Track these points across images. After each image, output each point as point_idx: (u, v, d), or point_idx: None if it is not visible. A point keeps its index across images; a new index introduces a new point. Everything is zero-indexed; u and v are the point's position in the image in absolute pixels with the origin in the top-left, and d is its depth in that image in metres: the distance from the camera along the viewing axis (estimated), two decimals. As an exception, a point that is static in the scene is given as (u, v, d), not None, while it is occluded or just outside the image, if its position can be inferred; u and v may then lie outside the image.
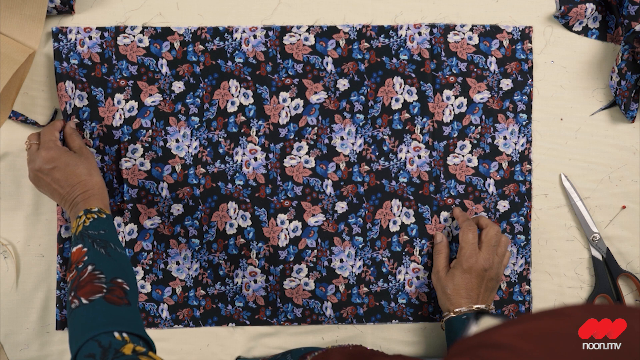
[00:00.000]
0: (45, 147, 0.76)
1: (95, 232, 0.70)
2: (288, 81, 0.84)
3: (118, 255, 0.70)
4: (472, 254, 0.78)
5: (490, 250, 0.79)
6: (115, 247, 0.70)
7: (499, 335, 0.45)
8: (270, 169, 0.84)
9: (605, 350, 0.42)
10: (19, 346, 0.83)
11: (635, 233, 0.85)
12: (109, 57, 0.83)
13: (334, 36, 0.84)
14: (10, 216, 0.83)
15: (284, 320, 0.84)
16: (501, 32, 0.84)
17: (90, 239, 0.69)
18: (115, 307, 0.64)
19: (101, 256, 0.68)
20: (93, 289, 0.65)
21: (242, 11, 0.84)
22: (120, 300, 0.65)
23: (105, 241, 0.70)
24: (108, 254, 0.69)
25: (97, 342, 0.60)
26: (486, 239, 0.79)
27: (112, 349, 0.59)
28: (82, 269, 0.67)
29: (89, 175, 0.76)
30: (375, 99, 0.84)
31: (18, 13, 0.78)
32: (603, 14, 0.85)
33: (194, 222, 0.84)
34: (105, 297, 0.64)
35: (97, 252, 0.68)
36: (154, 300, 0.84)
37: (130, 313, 0.65)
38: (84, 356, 0.60)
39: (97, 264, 0.67)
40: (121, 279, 0.67)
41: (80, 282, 0.66)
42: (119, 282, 0.66)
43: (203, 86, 0.83)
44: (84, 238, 0.70)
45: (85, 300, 0.64)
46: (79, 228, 0.71)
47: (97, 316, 0.63)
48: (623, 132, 0.85)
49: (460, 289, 0.78)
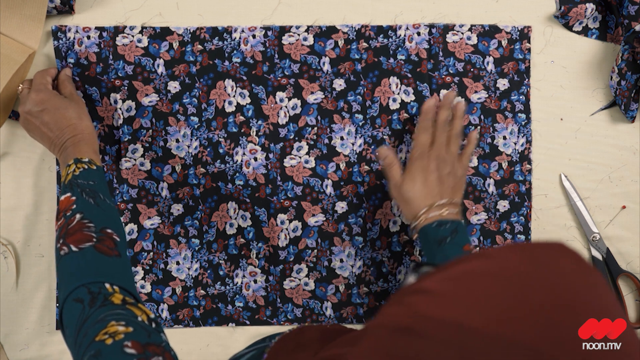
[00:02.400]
0: (36, 90, 0.76)
1: (85, 181, 0.70)
2: (284, 81, 0.84)
3: (107, 206, 0.69)
4: (421, 154, 0.76)
5: (440, 147, 0.77)
6: (104, 198, 0.70)
7: (428, 282, 0.46)
8: (270, 169, 0.84)
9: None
10: (19, 346, 0.84)
11: (635, 233, 0.85)
12: (105, 56, 0.83)
13: (332, 36, 0.84)
14: (10, 216, 0.83)
15: (284, 320, 0.85)
16: (500, 32, 0.84)
17: (79, 188, 0.69)
18: (106, 257, 0.64)
19: (90, 206, 0.68)
20: (82, 237, 0.64)
21: (242, 11, 0.84)
22: (111, 251, 0.65)
23: (94, 191, 0.69)
24: (97, 204, 0.68)
25: (86, 288, 0.60)
26: (436, 135, 0.78)
27: (102, 294, 0.59)
28: (70, 217, 0.66)
29: (79, 119, 0.75)
30: (372, 99, 0.84)
31: (18, 13, 0.78)
32: (603, 14, 0.85)
33: (194, 222, 0.84)
34: (96, 247, 0.64)
35: (86, 202, 0.68)
36: (154, 300, 0.84)
37: (121, 265, 0.65)
38: (72, 300, 0.60)
39: (85, 213, 0.67)
40: (110, 230, 0.67)
41: (69, 229, 0.65)
42: (108, 232, 0.66)
43: (199, 86, 0.83)
44: (72, 187, 0.69)
45: (75, 247, 0.63)
46: (68, 177, 0.70)
47: (87, 265, 0.63)
48: (623, 132, 0.85)
49: (418, 191, 0.75)
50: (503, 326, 0.41)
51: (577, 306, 0.42)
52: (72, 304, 0.59)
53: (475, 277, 0.45)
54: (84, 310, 0.58)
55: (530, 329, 0.41)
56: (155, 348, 0.53)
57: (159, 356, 0.53)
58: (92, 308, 0.58)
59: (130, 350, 0.52)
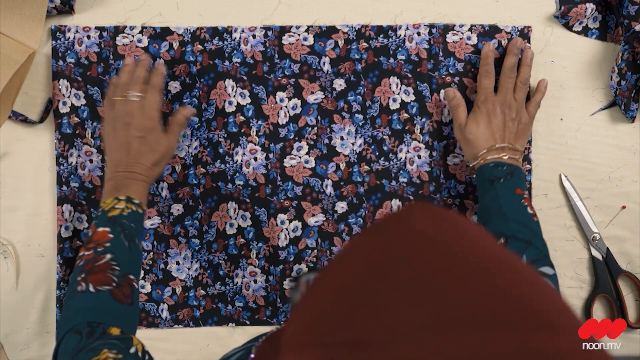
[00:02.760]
0: (149, 117, 0.75)
1: (129, 223, 0.70)
2: (284, 81, 0.84)
3: (137, 252, 0.70)
4: (487, 98, 0.78)
5: (505, 92, 0.78)
6: (138, 243, 0.70)
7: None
8: (270, 169, 0.84)
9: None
10: (19, 346, 0.84)
11: (635, 233, 0.85)
12: (106, 56, 0.83)
13: (332, 36, 0.84)
14: (10, 216, 0.83)
15: (284, 320, 0.84)
16: (500, 32, 0.84)
17: (121, 227, 0.69)
18: (118, 304, 0.65)
19: (123, 248, 0.68)
20: (104, 280, 0.65)
21: (242, 11, 0.84)
22: (125, 298, 0.65)
23: (132, 235, 0.70)
24: (130, 248, 0.69)
25: (88, 323, 0.61)
26: (502, 81, 0.79)
27: (101, 328, 0.60)
28: (100, 253, 0.67)
29: (157, 165, 0.76)
30: (372, 99, 0.84)
31: (18, 13, 0.78)
32: (603, 14, 0.85)
33: (194, 222, 0.84)
34: (112, 292, 0.65)
35: (122, 244, 0.68)
36: (154, 300, 0.84)
37: (130, 313, 0.66)
38: (72, 332, 0.61)
39: (116, 255, 0.67)
40: (133, 276, 0.67)
41: (95, 267, 0.66)
42: (130, 279, 0.67)
43: (199, 86, 0.83)
44: (114, 224, 0.69)
45: (92, 288, 0.64)
46: (113, 211, 0.70)
47: (98, 307, 0.63)
48: (623, 132, 0.85)
49: (480, 133, 0.77)
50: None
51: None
52: (71, 335, 0.60)
53: (339, 274, 0.36)
54: (81, 341, 0.59)
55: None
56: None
57: None
58: (90, 339, 0.59)
59: None
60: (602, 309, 0.85)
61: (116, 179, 0.74)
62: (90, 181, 0.83)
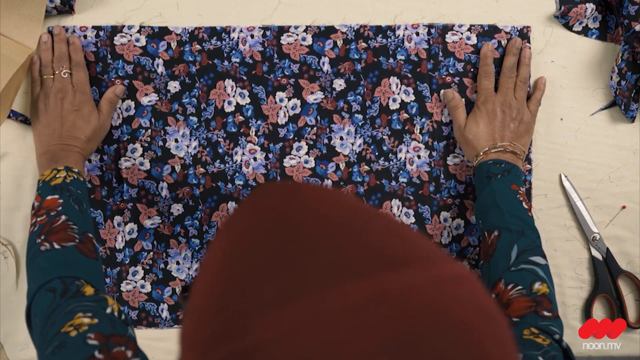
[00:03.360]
0: (81, 91, 0.78)
1: (74, 189, 0.72)
2: (284, 81, 0.84)
3: (88, 215, 0.72)
4: (487, 99, 0.79)
5: (506, 92, 0.79)
6: (87, 208, 0.72)
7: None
8: (270, 169, 0.84)
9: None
10: (19, 346, 0.84)
11: (635, 233, 0.85)
12: (103, 56, 0.83)
13: (331, 36, 0.84)
14: (10, 216, 0.83)
15: None
16: (500, 32, 0.84)
17: (69, 193, 0.71)
18: (85, 258, 0.66)
19: (75, 211, 0.70)
20: (66, 237, 0.67)
21: (242, 11, 0.84)
22: (90, 253, 0.67)
23: (80, 200, 0.72)
24: (81, 211, 0.71)
25: (61, 280, 0.62)
26: (502, 81, 0.80)
27: (75, 286, 0.61)
28: (54, 216, 0.68)
29: (91, 140, 0.78)
30: (372, 99, 0.84)
31: (17, 13, 0.78)
32: (603, 14, 0.85)
33: (194, 222, 0.84)
34: (77, 247, 0.66)
35: (72, 207, 0.70)
36: (154, 300, 0.84)
37: (97, 268, 0.67)
38: (45, 289, 0.61)
39: (70, 216, 0.69)
40: (91, 234, 0.69)
41: (53, 228, 0.67)
42: (89, 237, 0.69)
43: (199, 86, 0.83)
44: (62, 191, 0.71)
45: (57, 245, 0.65)
46: (56, 180, 0.72)
47: (66, 261, 0.65)
48: (623, 132, 0.85)
49: (480, 133, 0.78)
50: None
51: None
52: (44, 293, 0.61)
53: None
54: (55, 300, 0.59)
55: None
56: (118, 338, 0.54)
57: (122, 346, 0.53)
58: (63, 298, 0.59)
59: (92, 341, 0.53)
60: (602, 309, 0.85)
61: (51, 152, 0.76)
62: (90, 181, 0.83)
